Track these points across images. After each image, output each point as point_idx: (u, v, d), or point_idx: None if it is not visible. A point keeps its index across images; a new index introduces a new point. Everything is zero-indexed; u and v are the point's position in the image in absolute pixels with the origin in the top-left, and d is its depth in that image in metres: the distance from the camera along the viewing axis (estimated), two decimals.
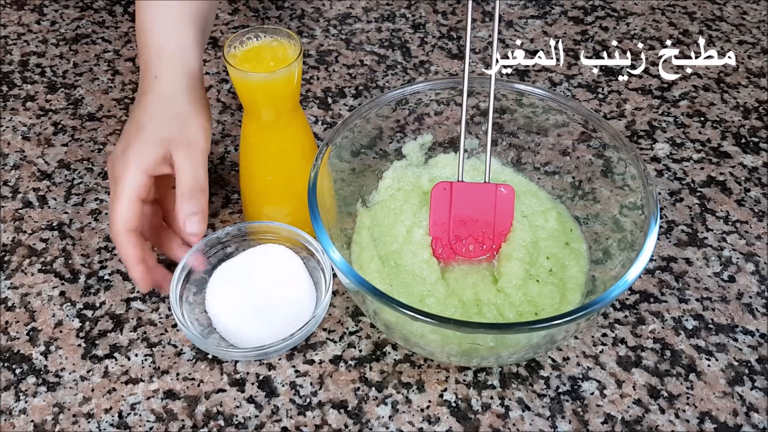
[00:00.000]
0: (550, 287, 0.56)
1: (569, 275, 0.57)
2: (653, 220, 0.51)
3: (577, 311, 0.46)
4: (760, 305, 0.59)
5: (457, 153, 0.62)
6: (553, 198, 0.63)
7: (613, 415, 0.53)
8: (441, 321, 0.46)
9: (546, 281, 0.56)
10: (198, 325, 0.56)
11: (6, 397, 0.53)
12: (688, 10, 0.90)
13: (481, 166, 0.64)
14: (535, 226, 0.60)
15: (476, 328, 0.47)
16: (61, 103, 0.76)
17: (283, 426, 0.52)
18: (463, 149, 0.58)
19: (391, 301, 0.47)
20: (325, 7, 0.89)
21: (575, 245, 0.59)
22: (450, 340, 0.50)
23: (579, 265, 0.58)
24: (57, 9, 0.88)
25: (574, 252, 0.59)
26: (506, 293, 0.55)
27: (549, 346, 0.52)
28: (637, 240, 0.52)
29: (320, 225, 0.51)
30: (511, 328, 0.47)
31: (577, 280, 0.57)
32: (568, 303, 0.55)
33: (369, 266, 0.56)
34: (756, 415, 0.53)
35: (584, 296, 0.56)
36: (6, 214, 0.66)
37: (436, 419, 0.52)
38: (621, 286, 0.48)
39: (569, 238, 0.60)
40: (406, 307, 0.46)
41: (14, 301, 0.59)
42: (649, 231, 0.50)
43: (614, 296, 0.47)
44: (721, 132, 0.74)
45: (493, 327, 0.48)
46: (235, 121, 0.74)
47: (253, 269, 0.58)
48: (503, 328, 0.48)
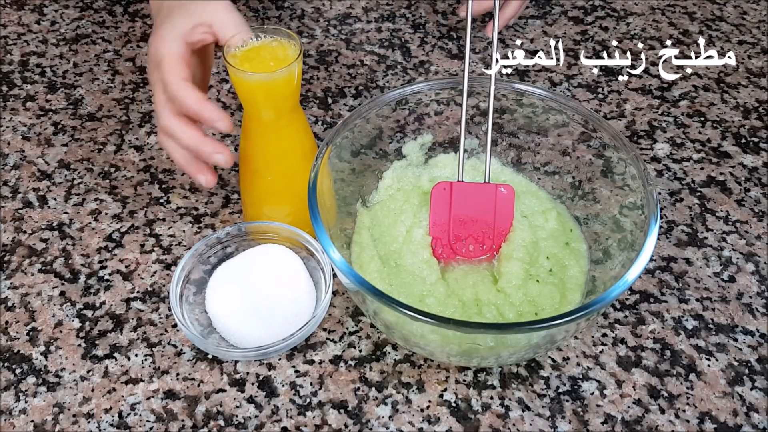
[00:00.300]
0: (550, 287, 0.56)
1: (569, 275, 0.57)
2: (653, 220, 0.51)
3: (577, 311, 0.46)
4: (760, 305, 0.59)
5: (457, 153, 0.62)
6: (553, 198, 0.63)
7: (613, 415, 0.53)
8: (441, 321, 0.46)
9: (546, 281, 0.56)
10: (198, 325, 0.56)
11: (6, 397, 0.53)
12: (688, 10, 0.90)
13: (481, 166, 0.64)
14: (535, 226, 0.60)
15: (476, 329, 0.47)
16: (61, 103, 0.76)
17: (283, 426, 0.52)
18: (463, 149, 0.58)
19: (391, 301, 0.47)
20: (325, 7, 0.89)
21: (575, 245, 0.59)
22: (450, 340, 0.50)
23: (579, 265, 0.57)
24: (57, 9, 0.88)
25: (574, 252, 0.59)
26: (506, 293, 0.55)
27: (549, 346, 0.52)
28: (637, 240, 0.52)
29: (320, 225, 0.51)
30: (510, 328, 0.47)
31: (577, 280, 0.57)
32: (568, 303, 0.55)
33: (369, 266, 0.56)
34: (756, 415, 0.53)
35: (584, 296, 0.56)
36: (6, 214, 0.66)
37: (436, 419, 0.52)
38: (621, 286, 0.48)
39: (569, 238, 0.60)
40: (405, 307, 0.46)
41: (14, 301, 0.59)
42: (649, 231, 0.50)
43: (614, 296, 0.47)
44: (721, 132, 0.74)
45: (493, 327, 0.48)
46: (235, 121, 0.74)
47: (253, 269, 0.58)
48: (503, 328, 0.48)
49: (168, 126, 0.54)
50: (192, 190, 0.68)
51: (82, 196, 0.67)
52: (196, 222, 0.65)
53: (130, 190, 0.68)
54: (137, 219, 0.65)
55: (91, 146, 0.72)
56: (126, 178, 0.69)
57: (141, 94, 0.77)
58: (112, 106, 0.76)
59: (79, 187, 0.68)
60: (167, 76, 0.53)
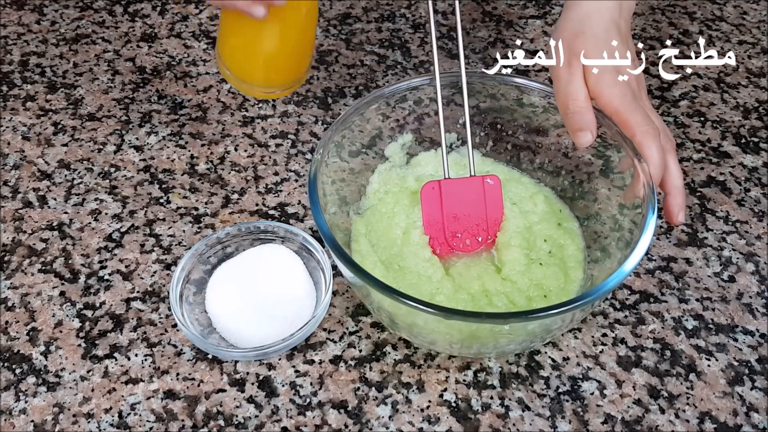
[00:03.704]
0: (554, 268, 0.57)
1: (568, 254, 0.58)
2: (650, 210, 0.51)
3: (573, 302, 0.47)
4: (760, 305, 0.59)
5: (438, 150, 0.62)
6: (536, 182, 0.64)
7: (613, 415, 0.53)
8: (447, 312, 0.47)
9: (548, 263, 0.57)
10: (198, 325, 0.56)
11: (6, 397, 0.53)
12: (688, 10, 0.90)
13: (462, 160, 0.64)
14: (526, 212, 0.61)
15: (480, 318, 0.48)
16: (61, 103, 0.76)
17: (283, 426, 0.52)
18: (445, 145, 0.59)
19: (398, 295, 0.47)
20: (325, 7, 0.89)
21: (567, 225, 0.61)
22: (452, 328, 0.50)
23: (575, 243, 0.59)
24: (57, 9, 0.88)
25: (568, 231, 0.60)
26: (512, 280, 0.56)
27: (545, 335, 0.52)
28: (635, 238, 0.52)
29: (322, 220, 0.51)
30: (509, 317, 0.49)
31: (576, 257, 0.58)
32: (572, 281, 0.56)
33: (373, 272, 0.56)
34: (756, 415, 0.53)
35: (585, 272, 0.57)
36: (6, 214, 0.66)
37: (436, 419, 0.52)
38: (617, 276, 0.48)
39: (560, 218, 0.61)
40: (412, 299, 0.47)
41: (14, 301, 0.59)
42: (646, 225, 0.51)
43: (610, 287, 0.48)
44: (721, 132, 0.74)
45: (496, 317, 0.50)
46: (235, 121, 0.74)
47: (253, 269, 0.58)
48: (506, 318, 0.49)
49: None
50: (192, 190, 0.68)
51: (82, 196, 0.67)
52: (196, 222, 0.65)
53: (130, 190, 0.68)
54: (137, 219, 0.65)
55: (91, 146, 0.72)
56: (126, 178, 0.69)
57: (141, 94, 0.77)
58: (112, 106, 0.76)
59: (79, 187, 0.68)
60: None
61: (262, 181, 0.69)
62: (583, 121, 0.55)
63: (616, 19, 0.59)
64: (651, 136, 0.55)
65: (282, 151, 0.71)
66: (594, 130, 0.55)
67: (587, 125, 0.55)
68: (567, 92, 0.56)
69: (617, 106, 0.55)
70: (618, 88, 0.56)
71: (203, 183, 0.68)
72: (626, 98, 0.56)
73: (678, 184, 0.57)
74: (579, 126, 0.55)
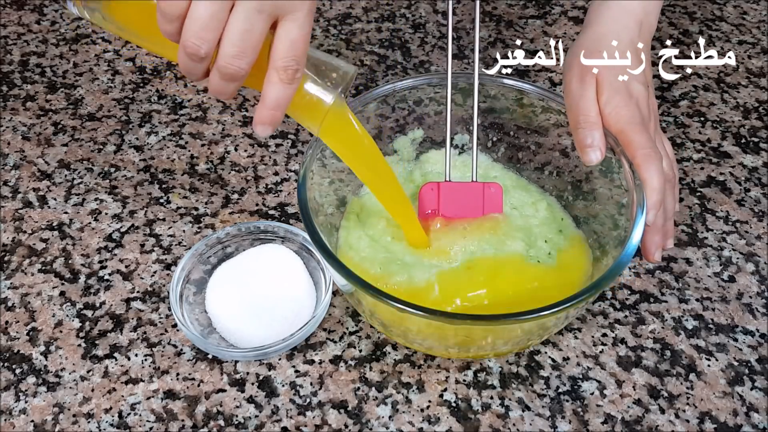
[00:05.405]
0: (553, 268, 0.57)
1: (568, 255, 0.58)
2: (639, 210, 0.52)
3: (571, 299, 0.47)
4: (760, 305, 0.59)
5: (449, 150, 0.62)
6: (543, 192, 0.64)
7: (613, 415, 0.53)
8: (433, 314, 0.47)
9: (547, 263, 0.57)
10: (198, 325, 0.56)
11: (6, 397, 0.53)
12: (688, 10, 0.90)
13: (471, 163, 0.64)
14: (526, 216, 0.61)
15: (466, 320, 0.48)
16: (61, 103, 0.76)
17: (283, 426, 0.52)
18: (450, 147, 0.59)
19: (384, 296, 0.47)
20: (325, 7, 0.89)
21: (567, 232, 0.60)
22: (445, 331, 0.50)
23: (575, 247, 0.59)
24: (57, 9, 0.88)
25: (570, 238, 0.60)
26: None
27: (542, 333, 0.52)
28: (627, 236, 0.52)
29: (314, 227, 0.51)
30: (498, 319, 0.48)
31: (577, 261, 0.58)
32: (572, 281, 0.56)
33: (358, 245, 0.56)
34: (756, 415, 0.53)
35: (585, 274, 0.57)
36: (6, 214, 0.66)
37: (436, 419, 0.52)
38: (614, 270, 0.49)
39: (561, 226, 0.61)
40: (400, 301, 0.47)
41: (14, 301, 0.59)
42: (636, 221, 0.51)
43: (604, 283, 0.48)
44: (721, 132, 0.74)
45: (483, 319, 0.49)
46: (235, 121, 0.74)
47: (253, 269, 0.58)
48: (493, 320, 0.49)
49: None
50: (192, 190, 0.68)
51: (82, 196, 0.67)
52: (196, 222, 0.65)
53: (130, 190, 0.68)
54: (137, 219, 0.65)
55: (91, 146, 0.72)
56: (126, 178, 0.69)
57: (141, 94, 0.77)
58: (112, 106, 0.76)
59: (79, 187, 0.68)
60: (300, 33, 0.46)
61: (262, 181, 0.69)
62: (593, 137, 0.55)
63: (635, 40, 0.59)
64: (652, 159, 0.54)
65: (282, 151, 0.71)
66: (603, 148, 0.55)
67: (596, 142, 0.55)
68: (578, 107, 0.56)
69: (623, 126, 0.55)
70: (627, 110, 0.56)
71: (203, 183, 0.68)
72: (634, 120, 0.55)
73: (668, 217, 0.57)
74: (588, 142, 0.55)
